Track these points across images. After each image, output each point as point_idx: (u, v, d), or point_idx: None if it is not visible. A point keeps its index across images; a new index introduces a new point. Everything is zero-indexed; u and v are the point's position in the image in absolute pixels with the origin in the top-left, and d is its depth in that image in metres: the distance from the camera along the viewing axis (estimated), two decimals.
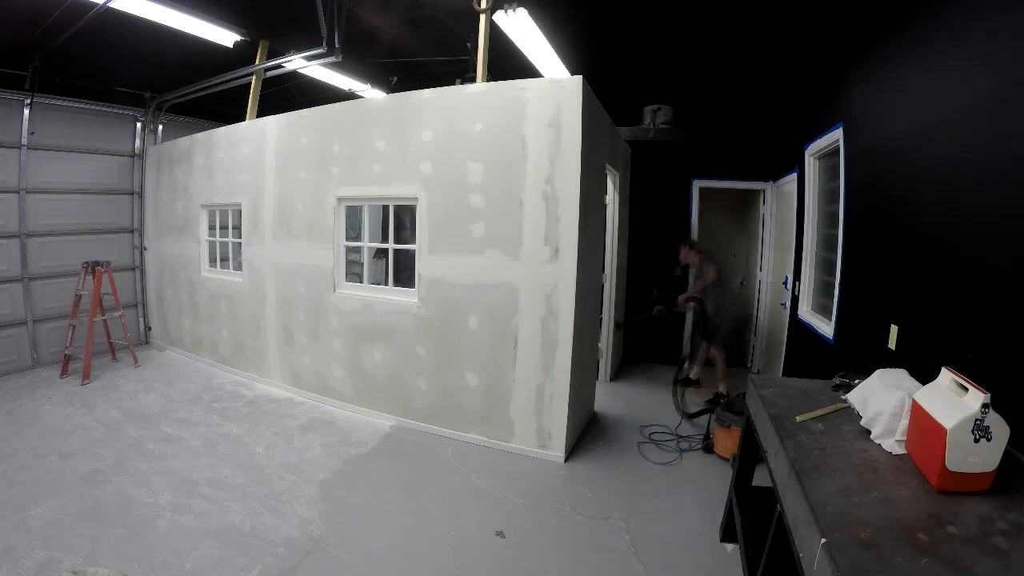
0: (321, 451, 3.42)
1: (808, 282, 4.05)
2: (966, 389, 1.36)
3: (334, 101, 4.18)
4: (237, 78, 4.88)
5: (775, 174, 5.17)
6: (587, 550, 2.45)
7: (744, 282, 6.34)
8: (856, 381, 1.96)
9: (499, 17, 3.77)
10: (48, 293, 5.19)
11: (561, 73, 4.88)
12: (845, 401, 1.89)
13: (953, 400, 1.37)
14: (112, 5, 3.56)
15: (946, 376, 1.45)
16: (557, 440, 3.30)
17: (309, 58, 4.38)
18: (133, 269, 6.03)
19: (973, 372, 1.44)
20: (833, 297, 3.29)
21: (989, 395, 1.28)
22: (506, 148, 3.28)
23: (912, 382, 1.74)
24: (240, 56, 4.64)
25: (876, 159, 2.76)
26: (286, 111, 4.35)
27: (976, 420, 1.28)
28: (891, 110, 2.61)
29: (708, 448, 3.48)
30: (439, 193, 3.53)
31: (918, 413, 1.46)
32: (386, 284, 4.01)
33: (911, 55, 2.41)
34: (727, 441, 3.30)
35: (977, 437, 1.28)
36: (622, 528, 2.62)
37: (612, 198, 4.69)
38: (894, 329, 2.36)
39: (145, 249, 6.01)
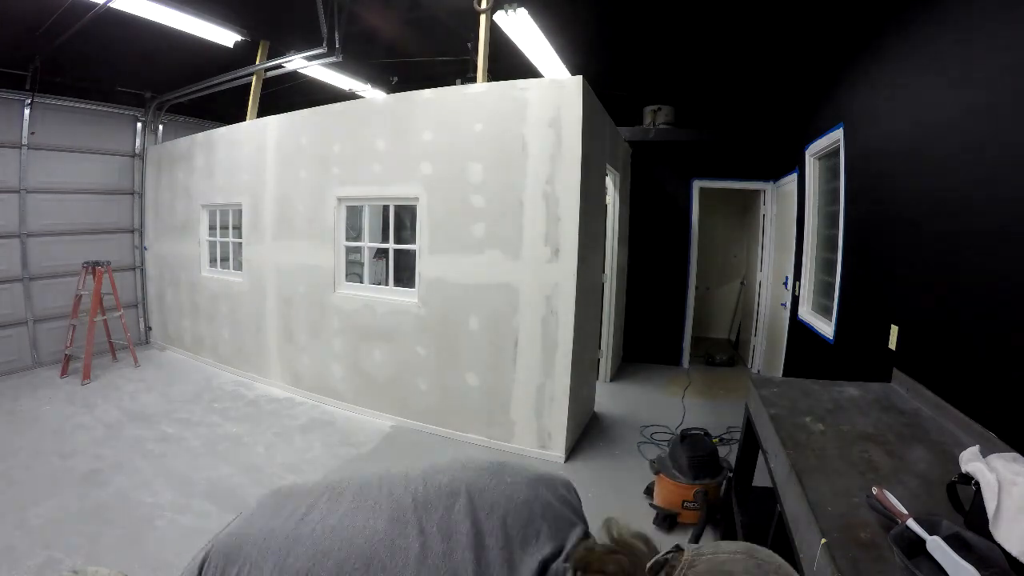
0: (321, 451, 3.42)
1: (808, 282, 4.05)
2: None
3: (334, 101, 4.18)
4: (237, 78, 4.88)
5: (775, 174, 5.17)
6: None
7: (744, 282, 6.35)
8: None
9: (499, 17, 3.77)
10: (48, 293, 5.18)
11: (561, 73, 4.88)
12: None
13: None
14: (112, 5, 3.56)
15: None
16: (557, 440, 3.30)
17: (309, 58, 4.38)
18: (133, 269, 6.03)
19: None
20: (833, 297, 3.29)
21: None
22: (506, 148, 3.28)
23: None
24: (240, 56, 4.64)
25: (876, 159, 2.76)
26: (286, 111, 4.35)
27: None
28: (891, 110, 2.61)
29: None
30: (439, 193, 3.53)
31: None
32: (386, 284, 4.02)
33: (911, 55, 2.42)
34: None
35: None
36: None
37: (612, 198, 4.69)
38: (894, 329, 2.36)
39: (145, 249, 6.02)
